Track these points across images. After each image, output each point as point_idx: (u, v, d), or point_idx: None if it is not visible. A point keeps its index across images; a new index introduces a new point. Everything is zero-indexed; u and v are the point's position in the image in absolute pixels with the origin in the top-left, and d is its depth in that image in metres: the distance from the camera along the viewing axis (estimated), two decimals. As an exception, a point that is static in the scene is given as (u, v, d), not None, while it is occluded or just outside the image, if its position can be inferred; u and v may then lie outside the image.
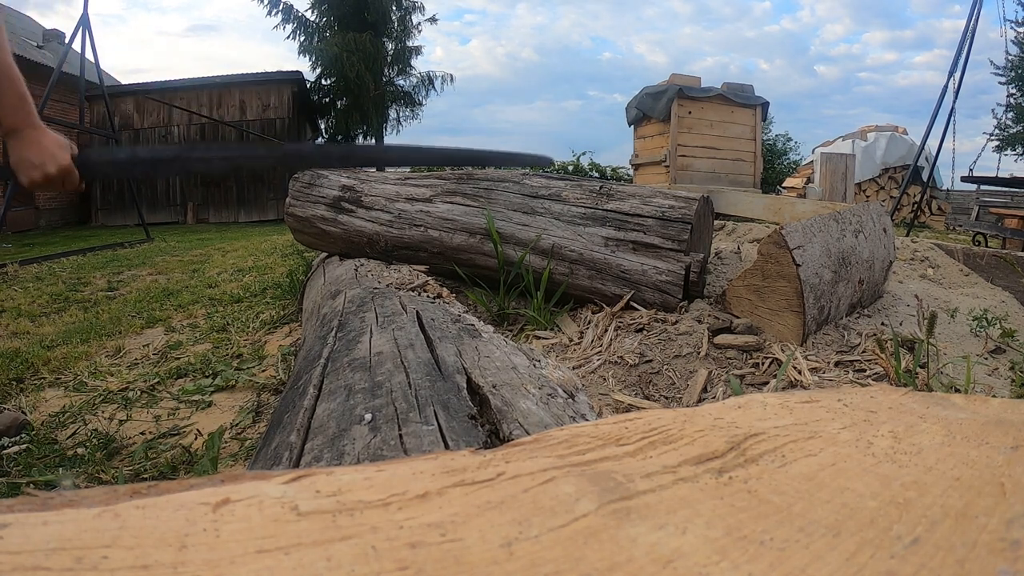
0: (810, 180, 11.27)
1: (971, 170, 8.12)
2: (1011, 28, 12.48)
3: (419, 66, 15.19)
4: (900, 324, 1.87)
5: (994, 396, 1.41)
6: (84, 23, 7.26)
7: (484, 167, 2.39)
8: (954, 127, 7.09)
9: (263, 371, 2.09)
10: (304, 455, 0.64)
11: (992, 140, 12.02)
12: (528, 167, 2.35)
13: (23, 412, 1.78)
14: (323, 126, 15.09)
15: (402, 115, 15.08)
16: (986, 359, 1.70)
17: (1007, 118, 14.06)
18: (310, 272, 2.79)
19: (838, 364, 1.54)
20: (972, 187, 9.31)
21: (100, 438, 1.62)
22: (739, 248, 2.71)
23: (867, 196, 11.00)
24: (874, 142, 11.31)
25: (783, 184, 13.21)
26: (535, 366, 0.90)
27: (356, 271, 1.98)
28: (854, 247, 1.84)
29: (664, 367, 1.53)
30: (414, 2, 14.68)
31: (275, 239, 7.25)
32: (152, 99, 12.25)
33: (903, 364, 1.42)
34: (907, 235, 5.35)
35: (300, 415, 0.74)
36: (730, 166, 7.60)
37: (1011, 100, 13.85)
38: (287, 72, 12.82)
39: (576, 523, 0.28)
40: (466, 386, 0.78)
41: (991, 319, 1.85)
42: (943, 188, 11.35)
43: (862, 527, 0.29)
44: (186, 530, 0.25)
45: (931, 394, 0.57)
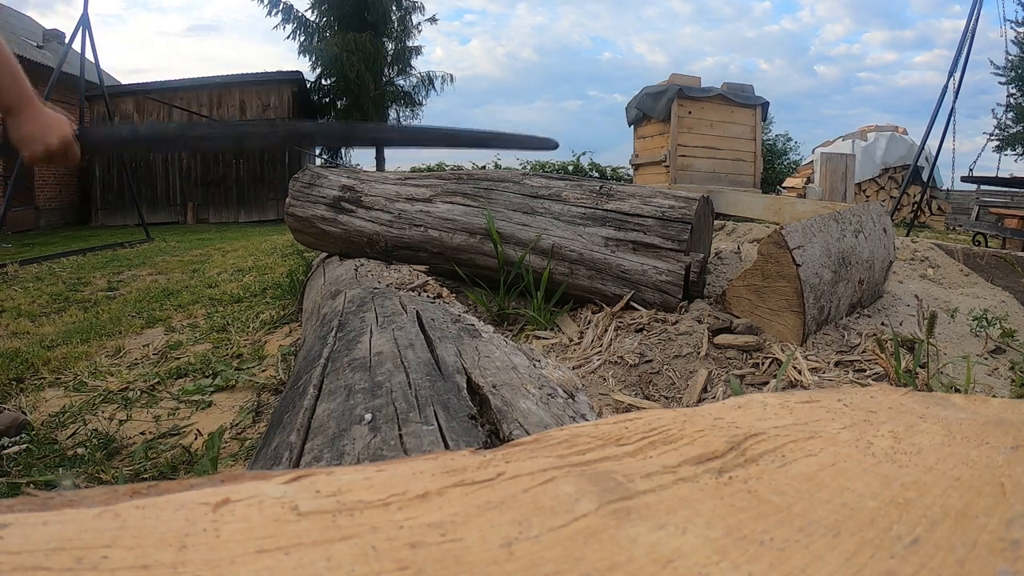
0: (810, 180, 11.28)
1: (971, 170, 8.12)
2: (1011, 28, 12.48)
3: (419, 66, 15.19)
4: (900, 324, 1.87)
5: (994, 396, 1.41)
6: (84, 23, 7.26)
7: (488, 148, 2.40)
8: (954, 127, 7.09)
9: (263, 371, 2.09)
10: (304, 455, 0.64)
11: (992, 140, 12.02)
12: (532, 149, 2.36)
13: (23, 412, 1.78)
14: (323, 126, 15.10)
15: (402, 115, 15.10)
16: (986, 359, 1.70)
17: (1007, 118, 14.06)
18: (310, 272, 2.79)
19: (838, 364, 1.54)
20: (972, 187, 9.31)
21: (100, 438, 1.62)
22: (739, 248, 2.71)
23: (867, 196, 11.00)
24: (874, 142, 11.32)
25: (783, 184, 13.22)
26: (535, 366, 0.90)
27: (356, 271, 1.98)
28: (854, 247, 1.84)
29: (664, 367, 1.53)
30: (414, 2, 14.69)
31: (275, 239, 7.25)
32: (152, 99, 12.25)
33: (903, 364, 1.42)
34: (907, 235, 5.35)
35: (300, 415, 0.74)
36: (730, 166, 7.60)
37: (1011, 100, 13.85)
38: (287, 72, 12.82)
39: (576, 523, 0.28)
40: (466, 386, 0.78)
41: (991, 319, 1.85)
42: (943, 188, 11.35)
43: (862, 527, 0.29)
44: (186, 530, 0.25)
45: (931, 394, 0.57)
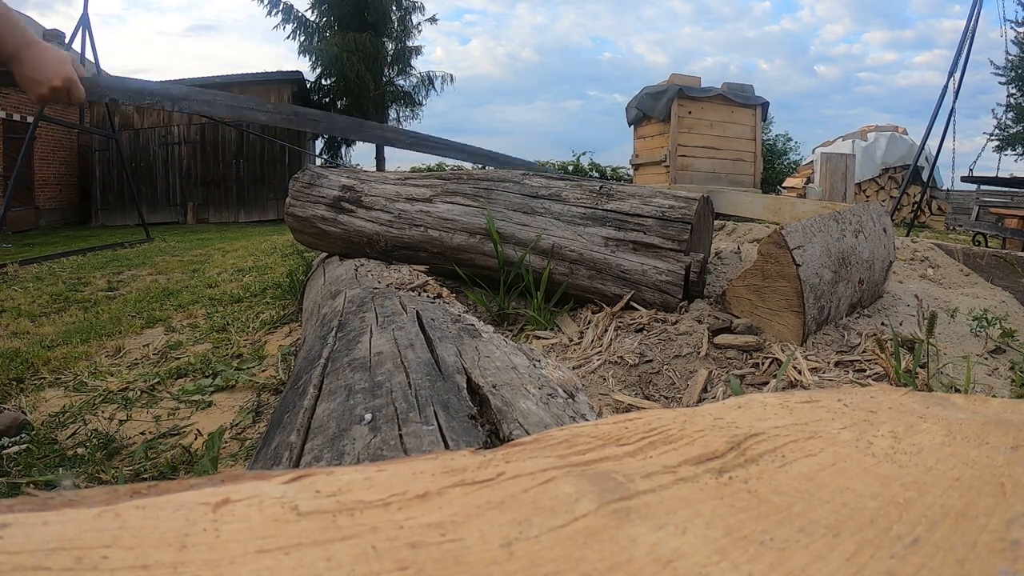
0: (810, 180, 11.28)
1: (971, 170, 8.13)
2: (1011, 28, 12.48)
3: (419, 66, 15.25)
4: (900, 324, 1.87)
5: (994, 396, 1.41)
6: (84, 23, 7.26)
7: (481, 162, 2.41)
8: (954, 127, 7.10)
9: (263, 371, 2.09)
10: (304, 455, 0.64)
11: (992, 140, 12.03)
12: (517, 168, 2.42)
13: (23, 412, 1.78)
14: (323, 126, 15.09)
15: (402, 115, 15.11)
16: (986, 359, 1.70)
17: (1007, 118, 14.06)
18: (310, 272, 2.79)
19: (838, 364, 1.54)
20: (972, 187, 9.31)
21: (100, 438, 1.62)
22: (739, 248, 2.71)
23: (867, 196, 11.00)
24: (874, 142, 11.32)
25: (783, 184, 13.22)
26: (535, 366, 0.90)
27: (356, 271, 1.98)
28: (854, 247, 1.84)
29: (664, 367, 1.53)
30: (414, 2, 14.70)
31: (275, 239, 7.25)
32: (152, 99, 12.24)
33: (903, 364, 1.42)
34: (907, 235, 5.35)
35: (300, 415, 0.74)
36: (730, 166, 7.60)
37: (1011, 100, 13.86)
38: (287, 72, 12.83)
39: (576, 523, 0.28)
40: (466, 386, 0.78)
41: (991, 319, 1.85)
42: (943, 188, 11.36)
43: (862, 527, 0.29)
44: (186, 530, 0.25)
45: (931, 394, 0.57)
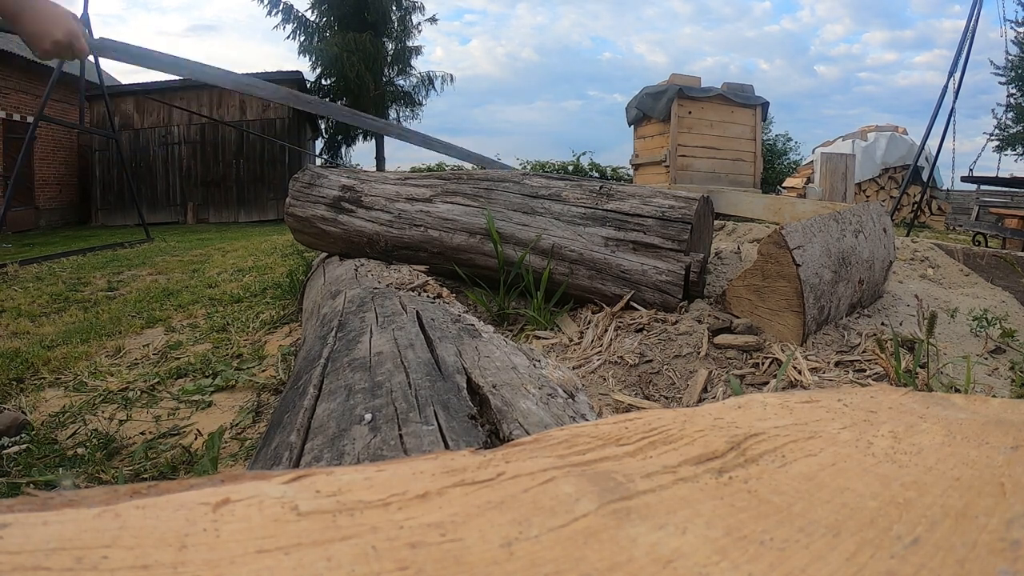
0: (810, 180, 11.28)
1: (971, 170, 8.13)
2: (1011, 28, 12.48)
3: (419, 66, 15.29)
4: (900, 324, 1.87)
5: (994, 396, 1.41)
6: (84, 23, 7.25)
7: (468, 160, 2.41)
8: (954, 127, 7.10)
9: (263, 371, 2.09)
10: (304, 455, 0.64)
11: (992, 140, 12.03)
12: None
13: (23, 412, 1.78)
14: (323, 126, 15.11)
15: (402, 115, 15.11)
16: (986, 359, 1.70)
17: (1007, 118, 14.07)
18: (310, 272, 2.79)
19: (838, 364, 1.54)
20: (972, 187, 9.31)
21: (100, 438, 1.62)
22: (739, 248, 2.71)
23: (867, 196, 11.00)
24: (874, 142, 11.32)
25: (783, 184, 13.22)
26: (535, 366, 0.90)
27: (356, 271, 1.98)
28: (854, 247, 1.84)
29: (664, 367, 1.53)
30: (414, 2, 14.71)
31: (275, 239, 7.26)
32: (152, 99, 12.25)
33: (903, 364, 1.42)
34: (907, 235, 5.36)
35: (300, 415, 0.74)
36: (730, 166, 7.60)
37: (1011, 100, 13.86)
38: (287, 72, 12.83)
39: (576, 523, 0.28)
40: (466, 386, 0.78)
41: (991, 319, 1.85)
42: (943, 188, 11.36)
43: (862, 527, 0.29)
44: (186, 530, 0.25)
45: (931, 394, 0.57)
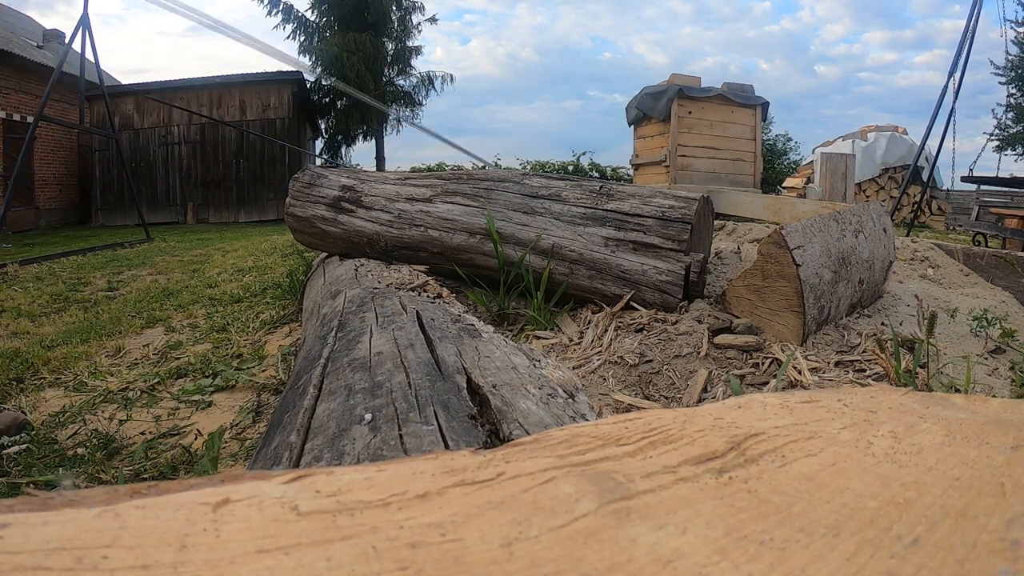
0: (810, 180, 11.27)
1: (971, 170, 8.13)
2: (1011, 28, 12.48)
3: (419, 66, 15.24)
4: (900, 324, 1.87)
5: (994, 396, 1.41)
6: (84, 23, 7.26)
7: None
8: (954, 127, 7.10)
9: (263, 371, 2.09)
10: (304, 455, 0.64)
11: (992, 140, 12.03)
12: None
13: (23, 412, 1.78)
14: (323, 126, 15.11)
15: (402, 115, 15.11)
16: (986, 359, 1.70)
17: (1007, 118, 14.05)
18: (310, 272, 2.79)
19: (838, 364, 1.54)
20: (972, 187, 9.31)
21: (100, 438, 1.62)
22: (739, 248, 2.71)
23: (867, 196, 11.00)
24: (874, 142, 11.31)
25: (783, 184, 13.21)
26: (535, 366, 0.90)
27: (356, 271, 1.98)
28: (854, 247, 1.84)
29: (664, 367, 1.53)
30: (414, 2, 14.70)
31: (275, 239, 7.26)
32: (152, 99, 12.25)
33: (903, 364, 1.42)
34: (907, 235, 5.36)
35: (300, 415, 0.74)
36: (730, 166, 7.60)
37: (1011, 100, 13.85)
38: (287, 72, 12.82)
39: (576, 523, 0.28)
40: (466, 386, 0.78)
41: (991, 319, 1.85)
42: (943, 188, 11.35)
43: (862, 527, 0.29)
44: (186, 530, 0.25)
45: (931, 394, 0.57)
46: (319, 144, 15.63)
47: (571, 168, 14.04)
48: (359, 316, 1.21)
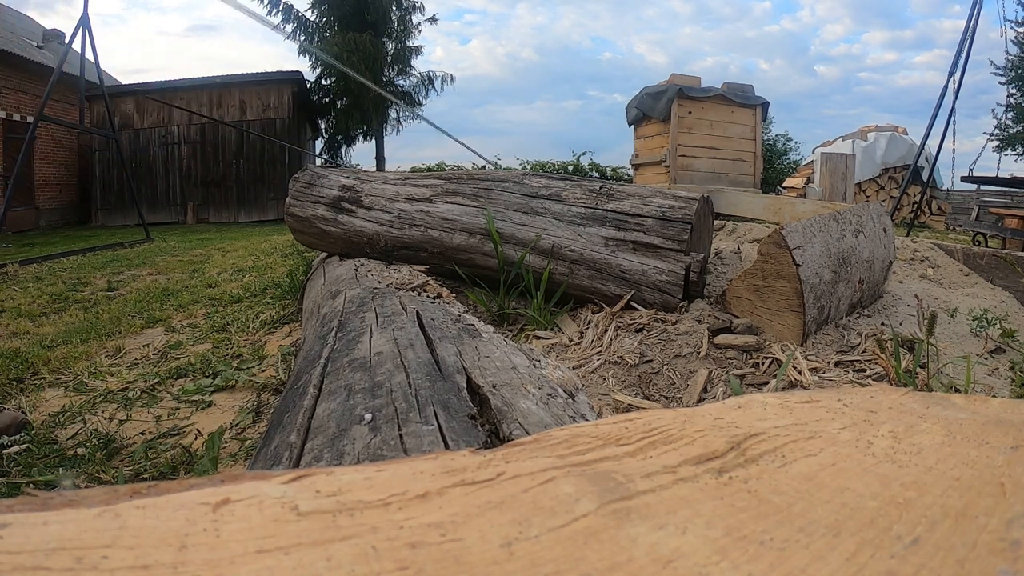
0: (810, 180, 11.27)
1: (971, 170, 8.13)
2: (1011, 28, 12.48)
3: (419, 66, 15.24)
4: (900, 324, 1.87)
5: (994, 396, 1.41)
6: (84, 23, 7.26)
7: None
8: (954, 127, 7.10)
9: (263, 371, 2.09)
10: (304, 455, 0.64)
11: (992, 140, 12.03)
12: None
13: (23, 412, 1.78)
14: (323, 126, 15.11)
15: (402, 115, 15.11)
16: (986, 359, 1.70)
17: (1007, 118, 14.05)
18: (310, 272, 2.79)
19: (838, 364, 1.54)
20: (972, 187, 9.31)
21: (100, 438, 1.62)
22: (739, 248, 2.71)
23: (867, 196, 11.00)
24: (874, 142, 11.31)
25: (783, 184, 13.21)
26: (535, 366, 0.90)
27: (356, 271, 1.98)
28: (854, 247, 1.84)
29: (664, 367, 1.53)
30: (414, 2, 14.71)
31: (275, 239, 7.26)
32: (152, 99, 12.25)
33: (903, 364, 1.42)
34: (907, 235, 5.36)
35: (300, 415, 0.74)
36: (730, 166, 7.60)
37: (1011, 100, 13.85)
38: (287, 72, 12.82)
39: (576, 523, 0.28)
40: (466, 386, 0.78)
41: (991, 319, 1.85)
42: (943, 188, 11.35)
43: (862, 527, 0.29)
44: (186, 530, 0.25)
45: (931, 394, 0.57)
46: (319, 144, 15.64)
47: (571, 168, 14.04)
48: (359, 316, 1.21)
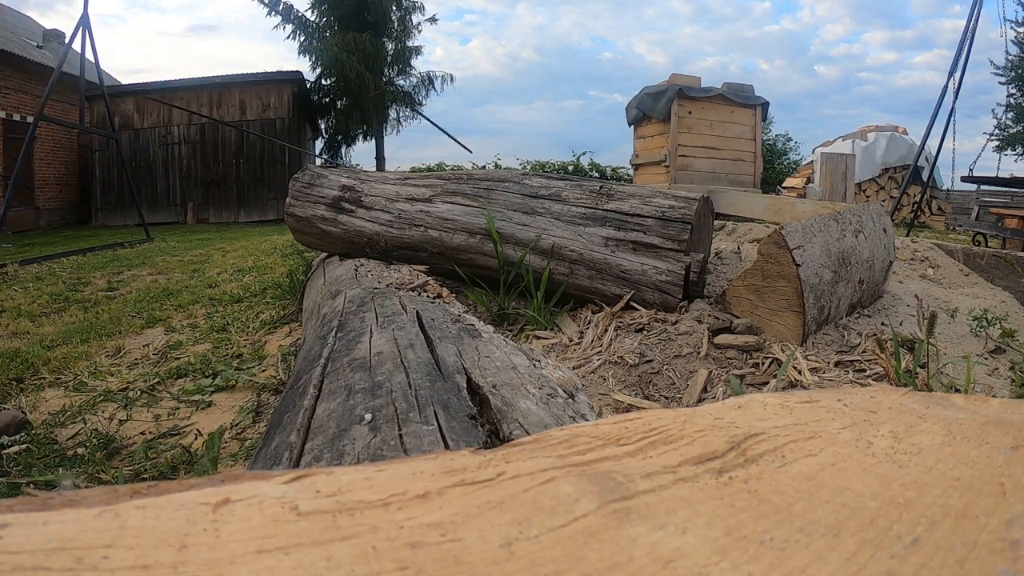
0: (810, 180, 11.27)
1: (971, 170, 8.13)
2: (1011, 28, 12.47)
3: (419, 66, 15.21)
4: (900, 324, 1.87)
5: (994, 396, 1.41)
6: (84, 23, 7.26)
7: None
8: (954, 127, 7.10)
9: (263, 371, 2.09)
10: (304, 455, 0.64)
11: (992, 140, 12.03)
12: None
13: (23, 412, 1.78)
14: (323, 126, 15.11)
15: (402, 115, 15.10)
16: (986, 359, 1.70)
17: (1007, 118, 14.05)
18: (310, 272, 2.79)
19: (838, 364, 1.54)
20: (972, 187, 9.31)
21: (100, 438, 1.62)
22: (739, 248, 2.71)
23: (867, 196, 11.00)
24: (874, 142, 11.31)
25: (783, 184, 13.21)
26: (535, 366, 0.90)
27: (356, 271, 1.98)
28: (854, 247, 1.84)
29: (664, 367, 1.53)
30: (414, 2, 14.69)
31: (275, 239, 7.25)
32: (152, 99, 12.25)
33: (903, 364, 1.42)
34: (907, 235, 5.35)
35: (300, 415, 0.74)
36: (730, 166, 7.60)
37: (1011, 100, 13.84)
38: (287, 72, 12.82)
39: (576, 523, 0.28)
40: (466, 386, 0.78)
41: (991, 319, 1.85)
42: (943, 188, 11.35)
43: (862, 527, 0.29)
44: (186, 530, 0.25)
45: (931, 394, 0.57)
46: (319, 144, 15.63)
47: (571, 168, 14.04)
48: (359, 316, 1.21)
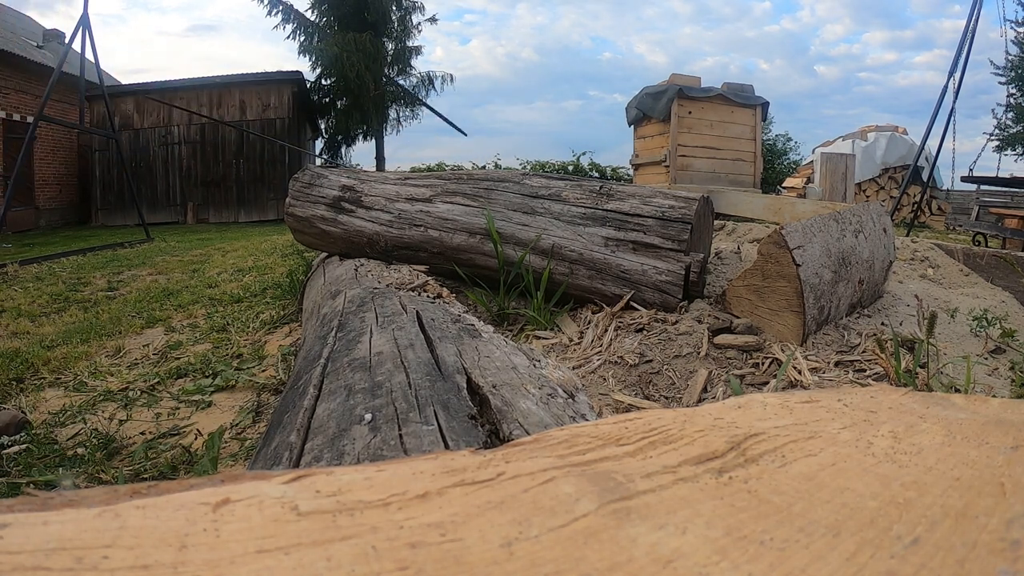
0: (810, 180, 11.27)
1: (971, 170, 8.13)
2: (1011, 28, 12.47)
3: (419, 66, 15.22)
4: (900, 324, 1.87)
5: (994, 396, 1.41)
6: (84, 23, 7.26)
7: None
8: (954, 127, 7.11)
9: (263, 371, 2.09)
10: (304, 455, 0.64)
11: (992, 140, 12.04)
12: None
13: (23, 412, 1.78)
14: (323, 126, 15.11)
15: (402, 115, 15.11)
16: (986, 359, 1.70)
17: (1007, 118, 14.04)
18: (310, 272, 2.79)
19: (838, 364, 1.54)
20: (972, 187, 9.31)
21: (100, 438, 1.62)
22: (739, 248, 2.71)
23: (867, 196, 11.00)
24: (874, 142, 11.31)
25: (783, 184, 13.21)
26: (535, 366, 0.90)
27: (356, 271, 1.98)
28: (854, 247, 1.84)
29: (664, 367, 1.53)
30: (414, 2, 14.69)
31: (275, 239, 7.25)
32: (152, 99, 12.24)
33: (903, 364, 1.42)
34: (907, 235, 5.35)
35: (300, 415, 0.74)
36: (730, 166, 7.60)
37: (1011, 100, 13.84)
38: (287, 72, 12.82)
39: (576, 523, 0.28)
40: (466, 386, 0.78)
41: (991, 319, 1.85)
42: (943, 188, 11.35)
43: (862, 527, 0.29)
44: (186, 530, 0.25)
45: (931, 394, 0.57)
46: (319, 144, 15.63)
47: (571, 168, 14.04)
48: (359, 316, 1.21)
